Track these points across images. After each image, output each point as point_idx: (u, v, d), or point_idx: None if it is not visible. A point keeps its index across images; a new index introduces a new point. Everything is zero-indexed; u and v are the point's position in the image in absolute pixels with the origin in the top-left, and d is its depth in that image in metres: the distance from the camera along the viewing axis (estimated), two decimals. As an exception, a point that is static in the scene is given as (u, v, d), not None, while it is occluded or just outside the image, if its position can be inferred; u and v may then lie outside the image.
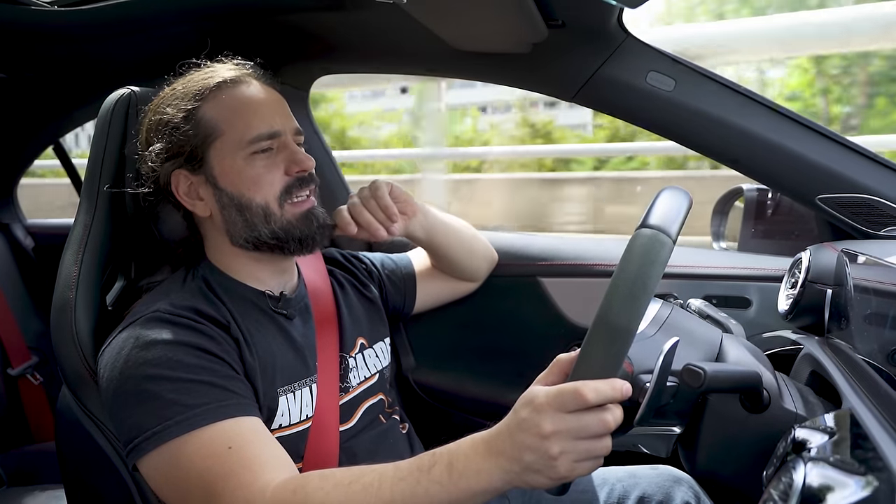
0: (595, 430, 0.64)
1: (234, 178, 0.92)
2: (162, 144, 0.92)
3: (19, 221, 2.20)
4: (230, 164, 0.92)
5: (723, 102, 1.18)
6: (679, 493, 1.03)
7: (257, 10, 1.28)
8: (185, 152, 0.92)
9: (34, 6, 1.26)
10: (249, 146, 0.92)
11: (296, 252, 0.97)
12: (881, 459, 0.53)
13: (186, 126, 0.91)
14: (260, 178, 0.92)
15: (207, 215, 0.95)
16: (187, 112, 0.91)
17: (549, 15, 1.11)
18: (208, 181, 0.93)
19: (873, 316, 0.82)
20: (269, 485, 0.75)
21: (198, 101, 0.92)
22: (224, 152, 0.92)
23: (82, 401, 0.97)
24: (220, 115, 0.92)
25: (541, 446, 0.64)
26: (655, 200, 0.67)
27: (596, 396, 0.63)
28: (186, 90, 0.93)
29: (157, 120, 0.93)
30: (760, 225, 1.51)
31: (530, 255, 1.46)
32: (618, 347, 0.64)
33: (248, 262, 0.98)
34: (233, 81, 0.94)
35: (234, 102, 0.93)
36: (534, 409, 0.65)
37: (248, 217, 0.93)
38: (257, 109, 0.93)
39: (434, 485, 0.69)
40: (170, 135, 0.92)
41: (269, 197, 0.93)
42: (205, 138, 0.92)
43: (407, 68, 1.51)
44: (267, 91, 0.97)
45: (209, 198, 0.94)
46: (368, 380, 1.08)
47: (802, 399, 0.79)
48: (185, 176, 0.94)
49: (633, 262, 0.64)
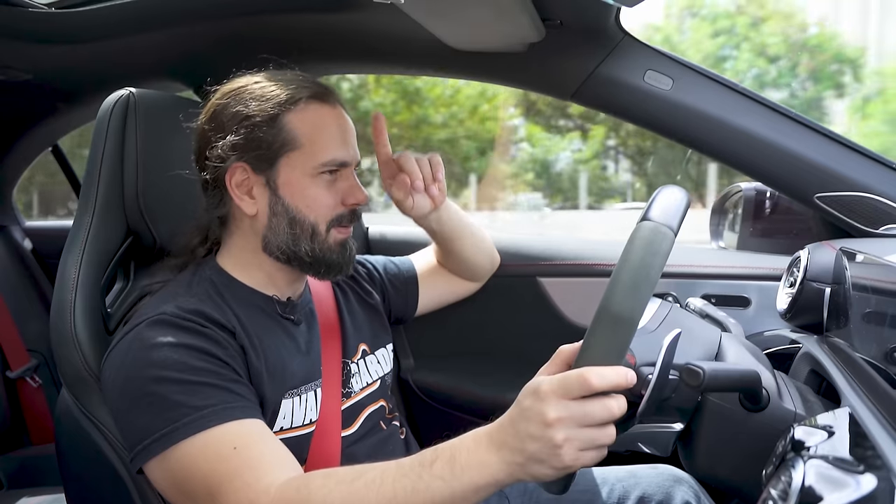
0: (600, 418, 0.64)
1: (295, 192, 0.93)
2: (238, 138, 0.91)
3: (17, 224, 2.20)
4: (296, 178, 0.93)
5: (720, 101, 1.19)
6: (679, 493, 1.03)
7: (255, 13, 1.28)
8: (257, 151, 0.92)
9: (31, 8, 1.26)
10: (319, 167, 0.93)
11: (323, 276, 0.98)
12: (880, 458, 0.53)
13: (268, 129, 0.91)
14: (319, 199, 0.94)
15: (252, 214, 0.94)
16: (272, 116, 0.91)
17: (546, 14, 1.11)
18: (268, 184, 0.93)
19: (872, 314, 0.82)
20: (272, 484, 0.75)
21: (284, 108, 0.92)
22: (294, 164, 0.93)
23: (82, 403, 0.97)
24: (302, 128, 0.93)
25: (545, 434, 0.64)
26: (655, 197, 0.68)
27: (601, 382, 0.63)
28: (274, 92, 0.93)
29: (238, 112, 0.92)
30: (759, 224, 1.51)
31: (530, 255, 1.46)
32: (621, 336, 0.64)
33: (270, 269, 0.98)
34: (321, 97, 0.95)
35: (319, 121, 0.94)
36: (538, 397, 0.65)
37: (296, 231, 0.94)
38: (337, 135, 0.95)
39: (436, 479, 0.69)
40: (249, 131, 0.91)
41: (320, 219, 0.95)
42: (282, 146, 0.92)
43: (406, 68, 1.51)
44: (346, 118, 0.98)
45: (262, 200, 0.94)
46: (370, 386, 1.08)
47: (801, 398, 0.79)
48: (244, 170, 0.93)
49: (635, 252, 0.64)
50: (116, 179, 1.04)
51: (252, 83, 0.95)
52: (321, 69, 1.51)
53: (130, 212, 1.05)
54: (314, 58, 1.44)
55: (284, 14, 1.28)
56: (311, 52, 1.41)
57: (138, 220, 1.06)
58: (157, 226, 1.07)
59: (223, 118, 0.93)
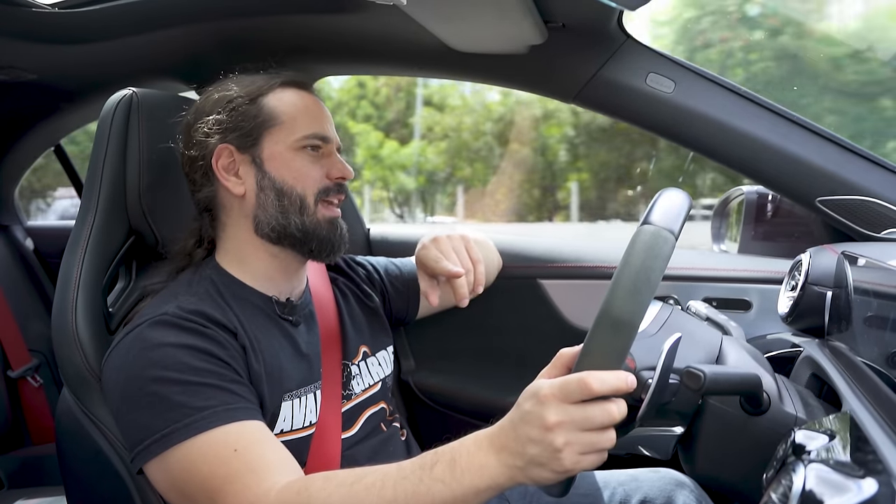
0: (600, 421, 0.64)
1: (280, 165, 0.96)
2: (221, 116, 0.96)
3: (20, 223, 2.20)
4: (280, 152, 0.96)
5: (722, 104, 1.19)
6: (681, 497, 1.02)
7: (256, 13, 1.28)
8: (240, 130, 0.95)
9: (35, 8, 1.27)
10: (301, 140, 0.97)
11: (315, 254, 0.99)
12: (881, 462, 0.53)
13: (249, 107, 0.96)
14: (304, 170, 0.97)
15: (241, 194, 0.96)
16: (253, 96, 0.97)
17: (549, 17, 1.11)
18: (254, 162, 0.96)
19: (873, 318, 0.82)
20: (273, 487, 0.75)
21: (264, 90, 0.98)
22: (277, 139, 0.96)
23: (83, 403, 0.97)
24: (282, 107, 0.97)
25: (545, 438, 0.64)
26: (656, 201, 0.68)
27: (601, 386, 0.63)
28: (254, 79, 0.99)
29: (220, 97, 0.98)
30: (760, 227, 1.51)
31: (531, 256, 1.46)
32: (622, 340, 0.64)
33: (265, 257, 0.98)
34: (296, 84, 1.01)
35: (297, 102, 0.99)
36: (538, 400, 0.65)
37: (284, 203, 0.96)
38: (316, 114, 1.00)
39: (436, 482, 0.69)
40: (232, 110, 0.96)
41: (307, 190, 0.97)
42: (263, 122, 0.96)
43: (407, 69, 1.52)
44: (321, 103, 1.03)
45: (249, 178, 0.96)
46: (371, 388, 1.08)
47: (802, 402, 0.79)
48: (230, 151, 0.96)
49: (636, 256, 0.64)
50: (119, 179, 1.04)
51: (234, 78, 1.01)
52: (321, 70, 1.51)
53: (133, 211, 1.05)
54: (314, 58, 1.44)
55: (287, 15, 1.28)
56: (311, 52, 1.41)
57: (140, 220, 1.06)
58: (159, 225, 1.07)
59: (206, 105, 0.98)
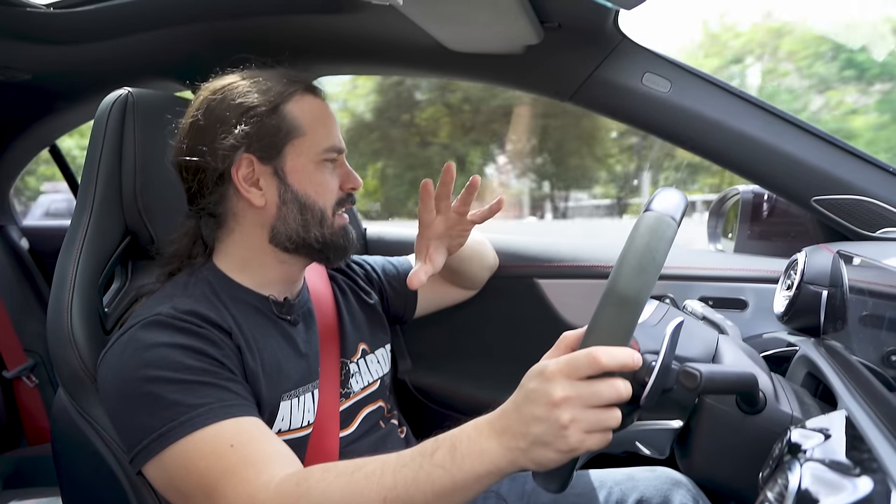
0: (607, 397, 0.63)
1: (303, 178, 0.95)
2: (245, 128, 0.92)
3: (15, 223, 2.19)
4: (303, 165, 0.95)
5: (718, 104, 1.19)
6: (678, 496, 1.02)
7: (254, 13, 1.28)
8: (263, 141, 0.94)
9: (29, 8, 1.26)
10: (323, 154, 0.96)
11: (329, 262, 1.00)
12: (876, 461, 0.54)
13: (271, 116, 0.94)
14: (325, 184, 0.97)
15: (261, 205, 0.95)
16: (274, 104, 0.94)
17: (545, 17, 1.11)
18: (276, 174, 0.94)
19: (869, 317, 0.82)
20: (272, 480, 0.75)
21: (285, 97, 0.95)
22: (300, 151, 0.95)
23: (79, 403, 0.97)
24: (304, 117, 0.96)
25: (551, 415, 0.63)
26: (655, 195, 0.69)
27: (610, 360, 0.62)
28: (270, 85, 0.95)
29: (240, 104, 0.93)
30: (756, 226, 1.51)
31: (528, 256, 1.46)
32: (628, 316, 0.64)
33: (273, 263, 0.98)
34: (312, 90, 0.99)
35: (317, 111, 0.98)
36: (544, 378, 0.64)
37: (307, 217, 0.95)
38: (332, 124, 0.99)
39: (437, 469, 0.68)
40: (254, 119, 0.93)
41: (327, 203, 0.97)
42: (287, 133, 0.94)
43: (403, 69, 1.52)
44: (331, 110, 1.02)
45: (270, 190, 0.95)
46: (370, 386, 1.08)
47: (798, 401, 0.79)
48: (250, 162, 0.94)
49: (641, 237, 0.65)
50: (114, 179, 1.04)
51: (241, 79, 0.96)
52: (318, 70, 1.51)
53: (128, 211, 1.05)
54: (311, 58, 1.44)
55: (282, 15, 1.28)
56: (308, 52, 1.41)
57: (136, 220, 1.05)
58: (155, 225, 1.06)
59: (222, 112, 0.93)
